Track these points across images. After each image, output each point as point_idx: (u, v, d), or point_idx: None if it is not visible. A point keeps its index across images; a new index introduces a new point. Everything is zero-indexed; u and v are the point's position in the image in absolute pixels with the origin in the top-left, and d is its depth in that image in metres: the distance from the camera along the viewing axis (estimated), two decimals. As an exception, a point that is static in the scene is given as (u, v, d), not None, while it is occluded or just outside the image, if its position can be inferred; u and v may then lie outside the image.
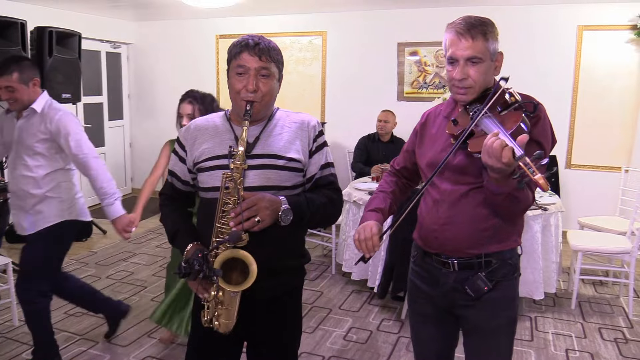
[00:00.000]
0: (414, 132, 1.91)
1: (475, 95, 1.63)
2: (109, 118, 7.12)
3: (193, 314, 1.81)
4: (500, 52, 1.67)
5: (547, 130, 1.61)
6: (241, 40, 1.61)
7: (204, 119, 1.76)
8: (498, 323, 1.72)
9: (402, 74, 6.10)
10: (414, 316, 1.94)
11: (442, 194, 1.71)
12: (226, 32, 6.81)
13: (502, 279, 1.69)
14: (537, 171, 1.27)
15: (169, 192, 1.82)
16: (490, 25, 1.62)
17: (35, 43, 5.11)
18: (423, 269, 1.82)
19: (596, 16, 5.30)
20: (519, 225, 1.75)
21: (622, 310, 3.82)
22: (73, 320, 3.54)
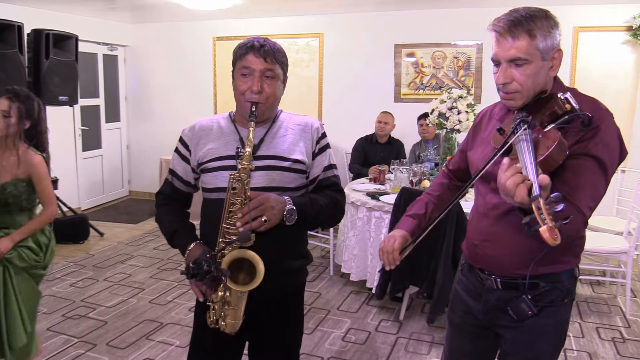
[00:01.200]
0: (469, 132, 1.78)
1: (524, 100, 1.44)
2: (105, 120, 7.11)
3: (196, 315, 1.82)
4: (558, 50, 1.44)
5: (610, 143, 1.40)
6: (247, 41, 1.62)
7: (208, 120, 1.75)
8: (539, 351, 1.58)
9: (399, 75, 6.11)
10: (452, 327, 1.83)
11: (486, 206, 1.58)
12: (223, 34, 6.81)
13: (549, 304, 1.53)
14: (547, 219, 1.10)
15: (168, 192, 1.80)
16: (540, 18, 1.40)
17: (32, 45, 5.11)
18: (469, 280, 1.71)
19: (592, 17, 5.32)
20: (575, 245, 1.55)
21: (620, 309, 3.83)
22: (71, 322, 3.53)
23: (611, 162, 1.39)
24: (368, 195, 4.02)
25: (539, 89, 1.44)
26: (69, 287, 4.17)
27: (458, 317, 1.77)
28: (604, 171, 1.38)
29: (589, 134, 1.37)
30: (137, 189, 7.62)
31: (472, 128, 1.75)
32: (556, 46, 1.43)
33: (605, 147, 1.38)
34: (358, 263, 4.00)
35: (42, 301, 3.83)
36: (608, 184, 1.41)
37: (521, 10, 1.41)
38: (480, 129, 1.69)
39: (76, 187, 6.59)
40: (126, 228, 5.98)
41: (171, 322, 3.54)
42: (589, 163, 1.35)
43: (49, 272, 4.38)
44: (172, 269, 4.61)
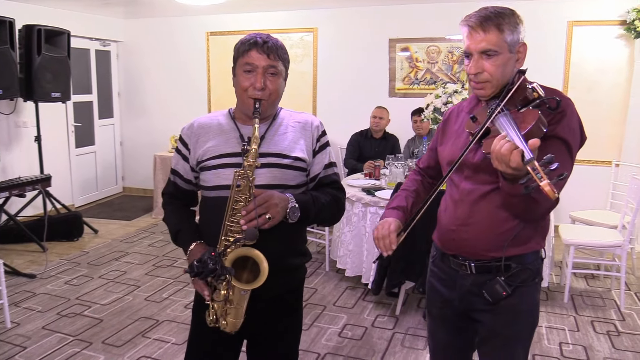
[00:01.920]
0: (437, 130, 1.87)
1: (493, 89, 1.56)
2: (99, 117, 7.06)
3: (194, 313, 1.81)
4: (523, 43, 1.57)
5: (574, 127, 1.52)
6: (249, 37, 1.60)
7: (207, 117, 1.74)
8: (516, 330, 1.65)
9: (393, 70, 6.10)
10: (432, 319, 1.88)
11: (461, 193, 1.66)
12: (216, 29, 6.77)
13: (521, 284, 1.61)
14: (544, 177, 1.20)
15: (172, 191, 1.80)
16: (508, 15, 1.54)
17: (23, 41, 5.07)
18: (441, 270, 1.77)
19: (586, 11, 5.33)
20: (541, 227, 1.65)
21: (614, 303, 3.85)
22: (66, 321, 3.51)
23: (575, 144, 1.52)
24: (363, 191, 4.01)
25: (507, 80, 1.55)
26: (63, 285, 4.15)
27: (436, 309, 1.83)
28: (570, 153, 1.50)
29: (556, 118, 1.48)
30: (131, 186, 7.59)
31: (442, 125, 1.83)
32: (521, 40, 1.57)
33: (571, 131, 1.51)
34: (353, 259, 4.00)
35: (36, 299, 3.83)
36: (573, 165, 1.53)
37: (490, 8, 1.55)
38: (450, 124, 1.79)
39: (69, 184, 6.55)
40: (120, 225, 5.96)
41: (167, 320, 3.53)
42: (557, 144, 1.47)
43: (44, 270, 4.38)
44: (167, 266, 4.59)
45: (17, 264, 4.54)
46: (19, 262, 4.63)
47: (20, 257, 4.79)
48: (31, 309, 3.68)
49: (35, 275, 4.30)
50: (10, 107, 5.47)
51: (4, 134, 5.57)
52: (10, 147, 5.67)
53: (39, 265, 4.55)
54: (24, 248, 5.01)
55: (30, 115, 5.61)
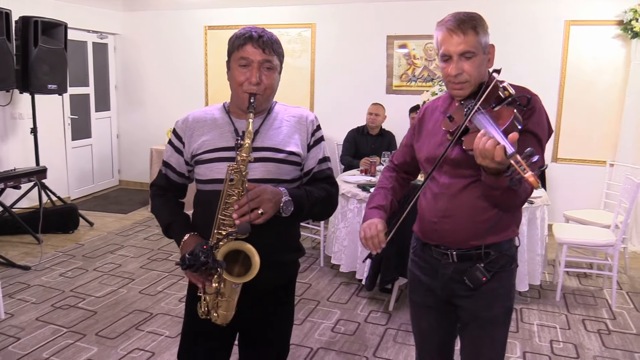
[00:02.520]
0: (412, 126, 1.93)
1: (471, 89, 1.64)
2: (95, 109, 7.04)
3: (187, 306, 1.82)
4: (492, 45, 1.68)
5: (543, 121, 1.63)
6: (244, 32, 1.60)
7: (202, 111, 1.74)
8: (495, 313, 1.75)
9: (391, 66, 6.10)
10: (415, 307, 1.95)
11: (441, 187, 1.73)
12: (214, 23, 6.76)
13: (500, 269, 1.72)
14: (527, 169, 1.27)
15: (162, 184, 1.80)
16: (479, 19, 1.63)
17: (20, 33, 5.05)
18: (422, 259, 1.85)
19: (583, 11, 5.34)
20: (517, 216, 1.77)
21: (606, 302, 3.88)
22: (60, 312, 3.52)
23: (544, 137, 1.63)
24: (359, 187, 4.03)
25: (481, 79, 1.65)
26: (58, 277, 4.16)
27: (419, 297, 1.90)
28: (540, 145, 1.62)
29: (527, 114, 1.58)
30: (127, 179, 7.58)
31: (417, 122, 1.89)
32: (490, 42, 1.67)
33: (540, 125, 1.62)
34: (348, 254, 4.02)
35: (31, 291, 3.84)
36: (544, 157, 1.59)
37: (462, 13, 1.64)
38: (425, 122, 1.85)
39: (65, 176, 6.55)
40: (116, 218, 5.96)
41: (161, 313, 3.54)
42: (528, 138, 1.56)
43: (38, 262, 4.38)
44: (162, 260, 4.60)
45: (11, 255, 4.54)
46: (13, 253, 4.63)
47: (15, 248, 4.79)
48: (25, 301, 3.69)
49: (29, 267, 4.31)
50: (7, 98, 5.46)
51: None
52: (6, 138, 5.66)
53: (33, 257, 4.55)
54: (19, 240, 5.01)
55: (27, 107, 5.60)
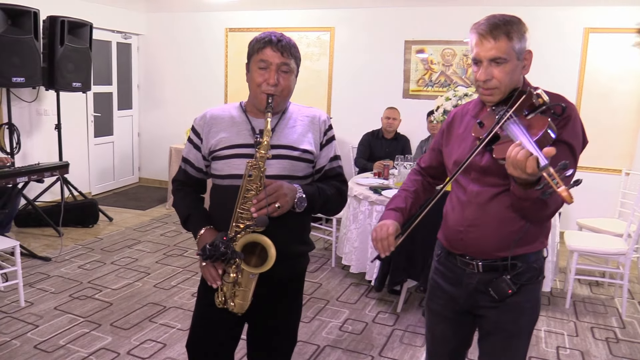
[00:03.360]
0: (440, 130, 1.90)
1: (501, 96, 1.61)
2: (118, 107, 7.22)
3: (199, 297, 1.90)
4: (529, 51, 1.62)
5: (578, 132, 1.57)
6: (264, 35, 1.70)
7: (219, 109, 1.82)
8: (520, 325, 1.71)
9: (408, 71, 6.14)
10: (431, 315, 1.92)
11: (469, 195, 1.69)
12: (235, 25, 6.88)
13: (527, 282, 1.67)
14: (561, 183, 1.23)
15: (182, 179, 1.88)
16: (516, 23, 1.57)
17: (47, 32, 5.22)
18: (447, 268, 1.81)
19: (603, 19, 5.32)
20: (546, 227, 1.72)
21: (616, 310, 3.86)
22: (77, 303, 3.64)
23: (579, 148, 1.58)
24: (371, 189, 4.08)
25: (514, 86, 1.61)
26: (77, 268, 4.29)
27: (438, 305, 1.86)
28: (574, 156, 1.56)
29: (562, 123, 1.53)
30: (147, 176, 7.74)
31: (445, 127, 1.86)
32: (527, 48, 1.62)
33: (575, 135, 1.56)
34: (358, 255, 4.07)
35: (50, 281, 3.97)
36: (576, 168, 1.56)
37: (498, 16, 1.58)
38: (454, 127, 1.81)
39: (87, 172, 6.72)
40: (134, 214, 6.10)
41: (174, 306, 3.64)
42: (562, 148, 1.50)
43: (59, 254, 4.53)
44: (177, 255, 4.71)
45: (33, 247, 4.70)
46: (35, 245, 4.79)
47: (36, 240, 4.95)
48: (45, 290, 3.82)
49: (50, 259, 4.45)
50: (33, 95, 5.64)
51: (25, 121, 5.74)
52: (31, 134, 5.84)
53: (54, 249, 4.70)
54: (41, 232, 5.18)
55: (52, 104, 5.78)
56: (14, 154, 5.29)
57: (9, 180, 4.17)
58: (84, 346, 3.06)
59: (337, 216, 4.58)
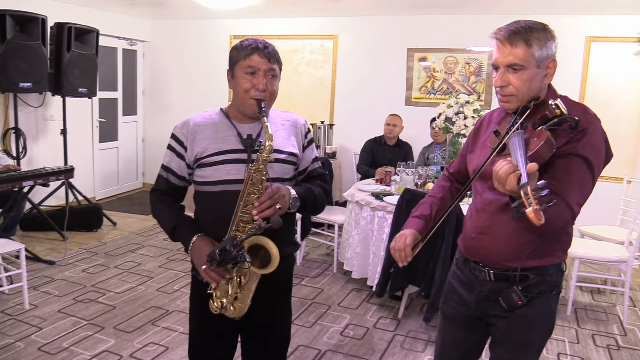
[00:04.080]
0: (469, 136, 1.90)
1: (518, 103, 1.57)
2: (123, 113, 7.29)
3: (194, 307, 1.90)
4: (553, 59, 1.57)
5: (596, 145, 1.52)
6: (251, 42, 1.72)
7: (200, 116, 1.84)
8: (528, 338, 1.69)
9: (410, 79, 6.19)
10: (444, 319, 1.93)
11: (483, 202, 1.70)
12: (240, 32, 6.94)
13: (538, 295, 1.65)
14: (534, 202, 1.22)
15: (164, 188, 1.85)
16: (538, 30, 1.53)
17: (54, 38, 5.29)
18: (463, 273, 1.83)
19: (605, 28, 5.35)
20: (563, 241, 1.68)
21: (618, 318, 3.87)
22: (81, 306, 3.67)
23: (598, 162, 1.52)
24: (372, 196, 4.10)
25: (533, 94, 1.56)
26: (80, 272, 4.33)
27: (452, 309, 1.87)
28: (591, 170, 1.50)
29: (578, 136, 1.49)
30: (151, 182, 7.75)
31: (473, 132, 1.86)
32: (551, 56, 1.56)
33: (593, 149, 1.50)
34: (360, 261, 4.09)
35: (54, 284, 4.01)
36: (595, 183, 1.53)
37: (522, 22, 1.55)
38: (480, 133, 1.81)
39: (92, 176, 6.77)
40: (138, 219, 6.14)
41: (176, 310, 3.67)
42: (577, 162, 1.48)
43: (63, 258, 4.57)
44: (180, 260, 4.74)
45: (38, 250, 4.74)
46: (39, 248, 4.83)
47: (41, 244, 4.99)
48: (49, 293, 3.86)
49: (54, 262, 4.49)
50: (39, 100, 5.70)
51: (32, 126, 5.80)
52: (37, 138, 5.90)
53: (58, 253, 4.74)
54: (45, 236, 5.22)
55: (58, 109, 5.84)
56: (20, 158, 5.35)
57: (15, 184, 4.21)
58: (87, 349, 3.09)
59: (339, 222, 4.61)
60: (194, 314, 1.91)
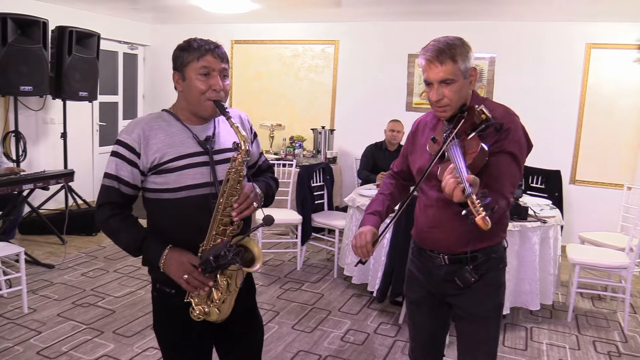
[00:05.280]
0: (407, 139, 2.10)
1: (452, 111, 1.78)
2: (123, 117, 7.29)
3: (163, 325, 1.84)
4: (474, 68, 1.79)
5: (520, 140, 1.76)
6: (202, 43, 1.67)
7: (146, 121, 1.73)
8: (486, 308, 1.90)
9: (411, 84, 6.20)
10: (410, 303, 2.11)
11: (430, 200, 1.91)
12: (241, 37, 6.95)
13: (487, 270, 1.88)
14: (480, 210, 1.41)
15: (118, 200, 1.70)
16: (460, 46, 1.73)
17: (55, 42, 5.29)
18: (419, 260, 2.02)
19: (605, 34, 5.37)
20: (501, 223, 1.91)
21: (619, 325, 3.86)
22: (80, 310, 3.65)
23: (522, 154, 1.78)
24: (373, 201, 4.09)
25: (463, 101, 1.79)
26: (80, 276, 4.31)
27: (415, 294, 2.07)
28: (517, 163, 1.75)
29: (503, 135, 1.72)
30: (151, 186, 7.76)
31: (411, 135, 2.07)
32: (472, 65, 1.78)
33: (517, 144, 1.75)
34: (360, 267, 4.07)
35: (53, 288, 3.99)
36: (522, 172, 1.81)
37: (442, 40, 1.75)
38: (418, 136, 2.02)
39: (91, 180, 6.76)
40: (138, 223, 6.11)
41: (176, 315, 3.65)
42: (506, 158, 1.72)
43: (62, 262, 4.55)
44: (180, 264, 4.72)
45: (37, 254, 4.72)
46: (39, 252, 4.81)
47: (40, 248, 4.98)
48: (48, 297, 3.84)
49: (53, 266, 4.48)
50: (40, 103, 5.70)
51: (32, 129, 5.79)
52: (38, 142, 5.90)
53: (57, 257, 4.72)
54: (45, 240, 5.20)
55: (58, 112, 5.84)
56: (20, 162, 5.34)
57: (15, 188, 4.20)
58: (86, 353, 3.07)
59: (340, 227, 4.60)
60: (171, 319, 1.79)
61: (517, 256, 3.62)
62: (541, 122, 5.45)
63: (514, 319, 3.84)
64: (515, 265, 3.61)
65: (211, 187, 1.68)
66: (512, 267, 3.59)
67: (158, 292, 1.80)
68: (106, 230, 1.71)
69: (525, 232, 3.62)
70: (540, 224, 3.67)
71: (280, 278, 4.49)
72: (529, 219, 3.66)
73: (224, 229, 1.65)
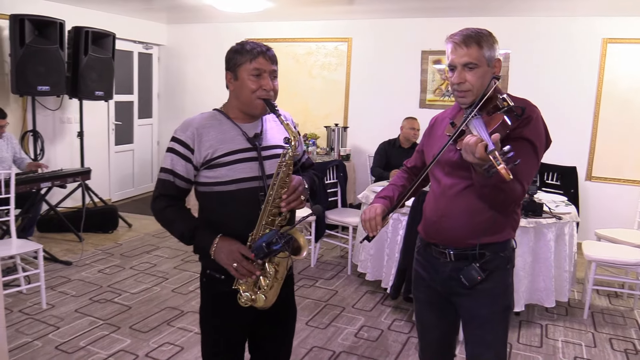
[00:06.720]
0: (424, 133, 2.11)
1: (473, 97, 1.76)
2: (138, 116, 7.36)
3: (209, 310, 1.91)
4: (498, 59, 1.79)
5: (540, 131, 1.75)
6: (255, 46, 1.78)
7: (199, 119, 1.85)
8: (493, 310, 1.86)
9: (425, 81, 6.17)
10: (418, 303, 2.08)
11: (443, 187, 1.88)
12: (255, 36, 6.96)
13: (494, 269, 1.84)
14: (502, 162, 1.41)
15: (173, 193, 1.83)
16: (486, 35, 1.76)
17: (72, 42, 5.37)
18: (425, 258, 1.99)
19: (621, 29, 5.30)
20: (512, 219, 1.87)
21: (635, 322, 3.82)
22: (97, 306, 3.71)
23: (541, 146, 1.75)
24: (387, 198, 4.10)
25: (483, 89, 1.75)
26: (97, 273, 4.37)
27: (422, 294, 2.04)
28: (535, 152, 1.74)
29: (524, 122, 1.70)
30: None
31: (427, 130, 2.07)
32: (497, 56, 1.79)
33: (537, 134, 1.74)
34: (374, 263, 4.09)
35: (71, 284, 4.06)
36: (539, 165, 1.79)
37: (471, 28, 1.78)
38: (435, 129, 2.02)
39: (108, 179, 6.85)
40: (153, 221, 6.09)
41: (191, 311, 3.69)
42: (525, 145, 1.70)
43: (79, 259, 4.62)
44: (195, 261, 4.77)
45: (55, 251, 4.80)
46: (56, 249, 4.89)
47: (58, 245, 5.06)
48: (66, 293, 3.91)
49: (71, 263, 4.55)
50: (57, 103, 5.79)
51: (49, 128, 5.88)
52: (55, 141, 5.99)
53: (75, 254, 4.80)
54: (62, 237, 5.29)
55: (75, 112, 5.92)
56: (38, 161, 5.43)
57: (34, 186, 4.28)
58: (103, 348, 3.12)
59: (353, 224, 4.61)
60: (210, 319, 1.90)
61: (532, 253, 3.59)
62: (556, 119, 5.38)
63: (529, 316, 3.81)
64: (530, 262, 3.59)
65: (259, 181, 1.78)
66: (527, 263, 3.57)
67: (207, 277, 1.87)
68: (161, 219, 1.83)
69: (540, 228, 3.59)
70: (556, 220, 3.64)
71: (295, 275, 4.50)
72: (544, 216, 3.64)
73: (273, 220, 1.75)
